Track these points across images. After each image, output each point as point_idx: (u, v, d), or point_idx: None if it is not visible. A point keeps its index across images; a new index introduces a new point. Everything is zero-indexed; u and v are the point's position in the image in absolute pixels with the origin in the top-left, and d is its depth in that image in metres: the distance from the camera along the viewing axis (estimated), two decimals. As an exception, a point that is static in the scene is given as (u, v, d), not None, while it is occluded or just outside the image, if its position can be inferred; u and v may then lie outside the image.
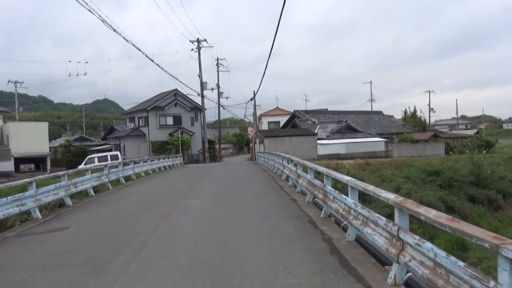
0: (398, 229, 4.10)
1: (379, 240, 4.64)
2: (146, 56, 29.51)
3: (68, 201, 11.07)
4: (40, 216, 9.39)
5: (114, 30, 19.44)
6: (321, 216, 7.79)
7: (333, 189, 7.06)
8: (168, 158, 29.51)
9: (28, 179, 9.57)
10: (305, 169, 10.34)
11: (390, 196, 4.39)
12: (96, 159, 30.96)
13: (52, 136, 63.11)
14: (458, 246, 11.97)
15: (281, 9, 13.19)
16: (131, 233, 7.13)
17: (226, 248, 5.92)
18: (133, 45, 24.08)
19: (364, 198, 10.57)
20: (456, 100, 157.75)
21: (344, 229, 6.93)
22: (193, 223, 7.90)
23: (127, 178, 17.68)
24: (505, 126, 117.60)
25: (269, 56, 39.67)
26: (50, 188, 10.08)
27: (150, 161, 23.70)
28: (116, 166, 16.89)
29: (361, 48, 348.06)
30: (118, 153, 34.31)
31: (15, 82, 53.67)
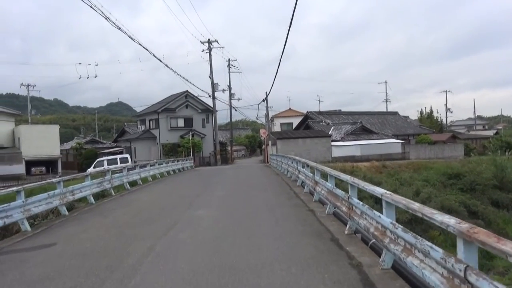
0: (465, 269, 2.98)
1: (432, 278, 3.51)
2: (154, 56, 28.73)
3: (64, 211, 10.15)
4: (29, 228, 8.49)
5: (119, 28, 18.60)
6: (345, 232, 6.66)
7: (361, 203, 5.92)
8: (178, 161, 28.62)
9: (15, 188, 8.66)
10: (324, 175, 9.20)
11: (449, 221, 3.26)
12: (105, 162, 30.49)
13: (67, 139, 63.27)
14: (483, 254, 10.87)
15: (293, 9, 12.18)
16: (124, 253, 6.12)
17: (233, 276, 4.86)
18: (140, 44, 23.26)
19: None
20: (474, 100, 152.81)
21: (374, 249, 5.82)
22: (196, 240, 6.85)
23: (133, 183, 16.77)
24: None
25: (281, 56, 38.60)
26: (41, 197, 9.15)
27: (158, 164, 22.78)
28: (121, 171, 15.93)
29: (374, 48, 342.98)
30: (127, 156, 33.78)
31: (28, 86, 53.60)
